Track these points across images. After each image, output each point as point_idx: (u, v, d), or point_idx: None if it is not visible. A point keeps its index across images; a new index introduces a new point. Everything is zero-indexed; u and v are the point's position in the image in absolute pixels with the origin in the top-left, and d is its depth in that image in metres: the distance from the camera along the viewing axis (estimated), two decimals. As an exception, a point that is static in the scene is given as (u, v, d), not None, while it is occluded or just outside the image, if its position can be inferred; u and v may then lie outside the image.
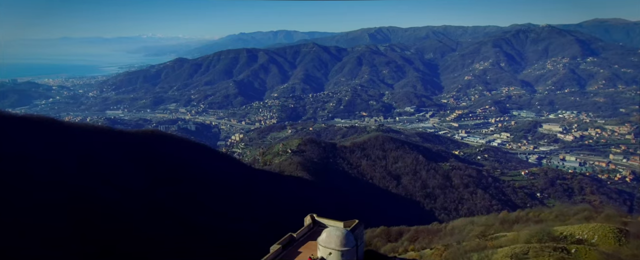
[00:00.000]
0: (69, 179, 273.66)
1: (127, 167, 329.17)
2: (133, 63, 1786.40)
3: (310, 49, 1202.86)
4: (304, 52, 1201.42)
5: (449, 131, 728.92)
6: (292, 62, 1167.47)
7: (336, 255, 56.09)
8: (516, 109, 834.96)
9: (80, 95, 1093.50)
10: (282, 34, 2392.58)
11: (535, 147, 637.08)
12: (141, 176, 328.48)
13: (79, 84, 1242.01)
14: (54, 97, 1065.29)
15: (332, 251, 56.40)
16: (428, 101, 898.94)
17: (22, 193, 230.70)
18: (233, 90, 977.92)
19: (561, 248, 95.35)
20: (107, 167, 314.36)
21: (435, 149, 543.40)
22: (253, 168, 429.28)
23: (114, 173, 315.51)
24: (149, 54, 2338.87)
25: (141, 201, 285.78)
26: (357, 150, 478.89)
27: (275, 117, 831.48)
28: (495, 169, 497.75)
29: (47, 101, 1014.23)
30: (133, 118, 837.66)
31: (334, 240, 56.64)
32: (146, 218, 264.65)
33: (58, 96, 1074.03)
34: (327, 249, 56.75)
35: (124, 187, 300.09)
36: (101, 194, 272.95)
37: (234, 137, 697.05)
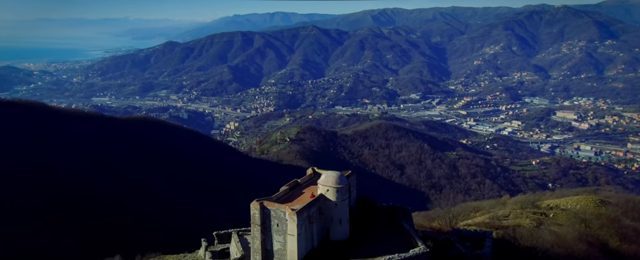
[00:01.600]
0: (58, 166, 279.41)
1: (120, 155, 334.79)
2: (120, 47, 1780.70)
3: (310, 32, 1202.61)
4: (303, 35, 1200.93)
5: (457, 119, 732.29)
6: (290, 46, 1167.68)
7: (332, 192, 71.48)
8: (528, 96, 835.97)
9: (64, 81, 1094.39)
10: (279, 16, 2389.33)
11: (548, 136, 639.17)
12: (135, 164, 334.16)
13: (63, 69, 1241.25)
14: (36, 82, 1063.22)
15: (329, 188, 71.92)
16: (435, 88, 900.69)
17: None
18: (227, 76, 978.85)
19: (541, 212, 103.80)
20: (98, 155, 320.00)
21: (441, 137, 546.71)
22: (250, 157, 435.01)
23: (107, 163, 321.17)
24: (137, 37, 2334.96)
25: (135, 190, 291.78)
26: (359, 139, 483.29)
27: (272, 105, 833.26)
28: (504, 158, 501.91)
29: (28, 87, 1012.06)
30: (121, 105, 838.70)
31: (331, 180, 72.56)
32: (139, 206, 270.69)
33: (40, 82, 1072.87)
34: (325, 187, 72.43)
35: (115, 175, 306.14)
36: (93, 183, 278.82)
37: (229, 126, 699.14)
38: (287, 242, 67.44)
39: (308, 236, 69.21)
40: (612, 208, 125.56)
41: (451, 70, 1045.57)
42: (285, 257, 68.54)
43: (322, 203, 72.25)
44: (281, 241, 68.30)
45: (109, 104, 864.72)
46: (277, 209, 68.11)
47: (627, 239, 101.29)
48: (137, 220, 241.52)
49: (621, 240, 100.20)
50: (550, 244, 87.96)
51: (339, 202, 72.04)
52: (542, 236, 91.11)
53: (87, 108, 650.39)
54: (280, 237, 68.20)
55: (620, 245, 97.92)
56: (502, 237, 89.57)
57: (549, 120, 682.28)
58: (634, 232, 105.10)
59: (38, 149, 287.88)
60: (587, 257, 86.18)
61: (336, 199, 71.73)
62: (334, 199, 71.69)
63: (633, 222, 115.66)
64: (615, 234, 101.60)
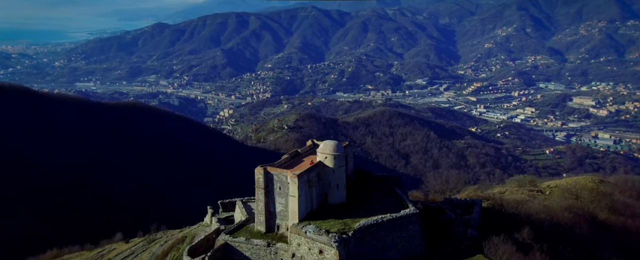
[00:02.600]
0: (43, 153, 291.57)
1: (107, 142, 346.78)
2: (105, 28, 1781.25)
3: (309, 14, 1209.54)
4: (302, 16, 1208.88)
5: (466, 106, 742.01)
6: (288, 28, 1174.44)
7: (330, 159, 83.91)
8: (543, 81, 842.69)
9: (45, 65, 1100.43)
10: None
11: (563, 123, 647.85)
12: (122, 151, 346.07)
13: (43, 52, 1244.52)
14: (15, 66, 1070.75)
15: (327, 155, 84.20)
16: (442, 72, 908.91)
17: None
18: (221, 61, 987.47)
19: (537, 190, 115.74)
20: (86, 141, 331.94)
21: (449, 125, 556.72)
22: (245, 145, 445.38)
23: (94, 150, 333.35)
24: (123, 18, 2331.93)
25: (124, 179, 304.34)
26: (361, 127, 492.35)
27: (269, 91, 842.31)
28: (516, 147, 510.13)
29: (6, 71, 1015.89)
30: (107, 91, 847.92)
31: (329, 148, 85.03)
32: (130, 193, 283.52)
33: (19, 65, 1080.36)
34: (324, 154, 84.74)
35: (103, 161, 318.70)
36: (81, 171, 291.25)
37: (223, 113, 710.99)
38: (289, 203, 79.56)
39: (308, 198, 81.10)
40: (610, 185, 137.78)
41: (460, 53, 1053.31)
42: (286, 217, 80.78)
43: (320, 169, 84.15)
44: (283, 203, 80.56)
45: (94, 89, 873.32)
46: (279, 173, 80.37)
47: (616, 212, 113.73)
48: (126, 211, 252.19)
49: (610, 213, 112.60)
50: (536, 212, 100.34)
51: (336, 169, 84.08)
52: (529, 206, 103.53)
53: (71, 94, 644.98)
54: (282, 200, 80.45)
55: (609, 217, 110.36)
56: (492, 206, 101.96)
57: (565, 106, 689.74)
58: (623, 205, 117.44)
59: (21, 137, 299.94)
60: (571, 226, 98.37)
61: (334, 165, 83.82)
62: (332, 166, 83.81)
63: (629, 199, 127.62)
64: (605, 207, 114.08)
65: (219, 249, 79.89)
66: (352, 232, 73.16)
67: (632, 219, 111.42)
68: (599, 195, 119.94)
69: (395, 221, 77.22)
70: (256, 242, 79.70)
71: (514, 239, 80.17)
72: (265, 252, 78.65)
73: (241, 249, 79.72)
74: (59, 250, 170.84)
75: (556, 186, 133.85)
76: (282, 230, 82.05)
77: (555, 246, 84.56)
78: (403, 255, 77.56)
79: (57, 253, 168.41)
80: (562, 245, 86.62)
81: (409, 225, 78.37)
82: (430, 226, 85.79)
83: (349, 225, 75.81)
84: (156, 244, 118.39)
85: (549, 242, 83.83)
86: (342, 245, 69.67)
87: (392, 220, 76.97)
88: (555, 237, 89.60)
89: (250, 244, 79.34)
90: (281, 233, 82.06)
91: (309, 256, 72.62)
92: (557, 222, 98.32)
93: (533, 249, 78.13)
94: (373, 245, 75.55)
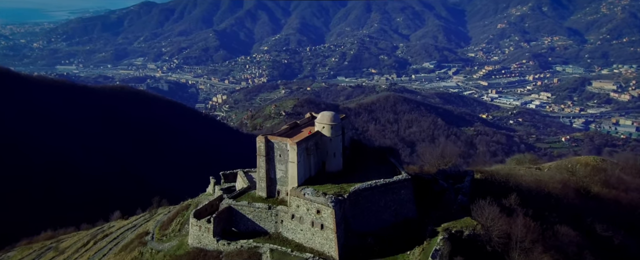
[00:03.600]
0: (24, 137, 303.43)
1: (95, 127, 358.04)
2: (87, 7, 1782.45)
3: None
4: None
5: (476, 91, 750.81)
6: (286, 7, 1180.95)
7: (327, 129, 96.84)
8: (560, 64, 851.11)
9: (22, 46, 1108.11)
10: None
11: (581, 109, 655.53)
12: (112, 138, 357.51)
13: (20, 32, 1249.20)
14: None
15: (324, 125, 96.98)
16: (451, 55, 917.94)
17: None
18: (213, 43, 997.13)
19: (536, 167, 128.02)
20: (70, 127, 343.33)
21: (457, 111, 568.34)
22: (241, 133, 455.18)
23: (82, 135, 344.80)
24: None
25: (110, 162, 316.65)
26: (363, 113, 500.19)
27: (265, 75, 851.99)
28: (530, 134, 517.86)
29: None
30: (90, 75, 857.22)
31: (326, 118, 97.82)
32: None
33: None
34: (321, 124, 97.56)
35: (92, 148, 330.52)
36: (68, 157, 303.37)
37: (216, 99, 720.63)
38: (288, 169, 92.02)
39: (306, 165, 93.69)
40: (610, 163, 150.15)
41: (471, 35, 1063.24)
42: (286, 183, 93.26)
43: (318, 138, 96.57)
44: (283, 170, 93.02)
45: (77, 72, 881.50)
46: (279, 141, 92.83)
47: (609, 186, 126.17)
48: (118, 199, 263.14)
49: (603, 187, 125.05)
50: (526, 183, 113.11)
51: (333, 138, 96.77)
52: (520, 177, 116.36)
53: (52, 77, 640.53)
54: (282, 166, 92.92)
55: (601, 191, 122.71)
56: (484, 178, 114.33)
57: (584, 91, 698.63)
58: (618, 180, 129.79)
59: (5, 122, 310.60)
60: (561, 196, 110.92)
61: (331, 134, 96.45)
62: (329, 135, 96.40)
63: (627, 176, 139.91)
64: (598, 181, 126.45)
65: (223, 211, 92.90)
66: (348, 195, 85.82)
67: (625, 192, 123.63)
68: (593, 171, 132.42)
69: (389, 186, 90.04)
70: (258, 205, 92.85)
71: (501, 204, 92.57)
72: (267, 214, 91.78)
73: (244, 212, 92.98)
74: (53, 232, 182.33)
75: (557, 166, 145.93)
76: (282, 195, 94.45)
77: (541, 212, 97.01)
78: (396, 218, 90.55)
79: (51, 234, 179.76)
80: (549, 211, 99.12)
81: (401, 190, 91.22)
82: (424, 195, 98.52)
83: (345, 189, 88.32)
84: (159, 214, 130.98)
85: (535, 209, 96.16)
86: (338, 205, 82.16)
87: (385, 185, 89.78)
88: (542, 205, 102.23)
89: (253, 207, 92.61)
90: (281, 198, 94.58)
91: (307, 216, 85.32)
92: (547, 193, 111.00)
93: (517, 212, 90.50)
94: (367, 208, 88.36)
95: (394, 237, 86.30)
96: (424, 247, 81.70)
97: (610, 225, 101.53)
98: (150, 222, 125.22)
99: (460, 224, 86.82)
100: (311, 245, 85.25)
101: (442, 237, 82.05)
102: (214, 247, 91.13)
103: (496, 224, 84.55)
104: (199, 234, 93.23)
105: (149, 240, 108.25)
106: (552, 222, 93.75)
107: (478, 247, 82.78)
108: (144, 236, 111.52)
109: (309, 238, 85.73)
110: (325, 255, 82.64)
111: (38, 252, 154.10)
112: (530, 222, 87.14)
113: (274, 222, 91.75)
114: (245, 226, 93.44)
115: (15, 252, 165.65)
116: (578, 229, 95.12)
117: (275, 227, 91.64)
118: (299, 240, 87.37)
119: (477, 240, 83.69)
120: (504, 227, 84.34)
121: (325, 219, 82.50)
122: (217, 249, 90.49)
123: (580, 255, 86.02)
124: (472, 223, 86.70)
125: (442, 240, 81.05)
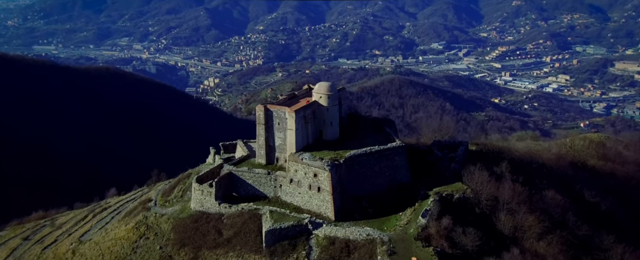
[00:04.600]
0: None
1: (80, 109, 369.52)
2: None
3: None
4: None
5: (489, 74, 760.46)
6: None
7: (324, 98, 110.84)
8: (580, 44, 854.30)
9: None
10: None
11: (603, 93, 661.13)
12: (96, 122, 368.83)
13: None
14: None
15: (321, 95, 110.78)
16: (462, 35, 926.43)
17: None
18: (204, 22, 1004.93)
19: (536, 143, 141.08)
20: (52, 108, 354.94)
21: (468, 95, 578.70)
22: (235, 118, 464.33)
23: (65, 118, 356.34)
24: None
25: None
26: (366, 97, 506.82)
27: (260, 57, 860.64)
28: (545, 120, 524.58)
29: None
30: (71, 55, 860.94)
31: (324, 88, 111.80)
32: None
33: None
34: (319, 94, 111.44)
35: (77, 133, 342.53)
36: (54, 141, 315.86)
37: (208, 82, 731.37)
38: (287, 137, 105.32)
39: (304, 133, 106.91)
40: (613, 140, 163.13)
41: (483, 13, 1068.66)
42: (285, 150, 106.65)
43: (316, 107, 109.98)
44: (281, 137, 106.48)
45: (56, 53, 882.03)
46: (278, 109, 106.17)
47: (606, 159, 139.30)
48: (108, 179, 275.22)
49: (600, 160, 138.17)
50: (520, 153, 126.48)
51: (330, 107, 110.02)
52: (515, 148, 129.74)
53: (31, 57, 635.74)
54: (281, 134, 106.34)
55: (597, 163, 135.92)
56: (479, 149, 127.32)
57: (606, 73, 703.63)
58: (616, 154, 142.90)
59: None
60: (555, 167, 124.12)
61: (328, 104, 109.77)
62: (326, 104, 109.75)
63: (627, 151, 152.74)
64: (595, 155, 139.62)
65: (224, 176, 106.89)
66: (343, 160, 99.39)
67: (621, 165, 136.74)
68: (593, 145, 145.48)
69: (383, 152, 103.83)
70: (257, 170, 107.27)
71: (492, 171, 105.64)
72: (266, 179, 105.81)
73: (244, 177, 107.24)
74: (45, 212, 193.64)
75: (558, 142, 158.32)
76: (281, 162, 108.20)
77: (531, 180, 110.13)
78: (390, 183, 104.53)
79: (43, 214, 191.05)
80: (539, 179, 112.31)
81: (395, 156, 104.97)
82: (419, 165, 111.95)
83: (341, 155, 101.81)
84: (159, 185, 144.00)
85: (526, 176, 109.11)
86: (334, 169, 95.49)
87: (379, 151, 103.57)
88: (533, 173, 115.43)
89: (253, 173, 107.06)
90: (280, 165, 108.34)
91: (305, 180, 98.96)
92: (541, 164, 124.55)
93: (506, 178, 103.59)
94: (362, 173, 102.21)
95: (388, 200, 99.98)
96: (416, 208, 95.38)
97: (599, 193, 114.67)
98: (152, 191, 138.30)
99: (451, 188, 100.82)
100: (309, 208, 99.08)
101: (433, 199, 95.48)
102: (215, 210, 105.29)
103: (485, 188, 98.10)
104: (202, 198, 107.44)
105: (152, 206, 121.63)
106: (540, 188, 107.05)
107: (467, 209, 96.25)
108: (147, 203, 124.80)
109: (307, 200, 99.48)
110: (322, 216, 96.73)
111: (33, 229, 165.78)
112: (519, 187, 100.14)
113: (273, 186, 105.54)
114: (246, 191, 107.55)
115: (7, 231, 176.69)
116: (566, 195, 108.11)
117: (274, 191, 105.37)
118: (297, 203, 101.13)
119: (467, 203, 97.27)
120: (492, 190, 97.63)
121: (322, 182, 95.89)
122: (219, 211, 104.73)
123: (563, 217, 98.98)
124: (462, 187, 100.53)
125: (433, 202, 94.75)
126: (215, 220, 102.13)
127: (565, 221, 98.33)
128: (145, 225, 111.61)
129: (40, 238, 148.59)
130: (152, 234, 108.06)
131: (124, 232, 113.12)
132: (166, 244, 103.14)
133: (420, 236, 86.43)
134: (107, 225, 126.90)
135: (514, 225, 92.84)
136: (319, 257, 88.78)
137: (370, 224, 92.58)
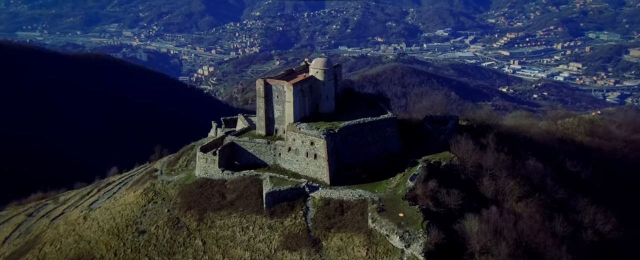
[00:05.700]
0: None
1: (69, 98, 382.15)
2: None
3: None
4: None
5: (497, 62, 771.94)
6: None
7: (321, 73, 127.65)
8: (594, 30, 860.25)
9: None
10: None
11: (617, 82, 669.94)
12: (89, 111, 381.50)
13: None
14: None
15: (318, 70, 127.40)
16: (469, 22, 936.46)
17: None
18: (198, 7, 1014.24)
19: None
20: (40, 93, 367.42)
21: (474, 84, 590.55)
22: (231, 107, 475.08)
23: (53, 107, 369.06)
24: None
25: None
26: (367, 86, 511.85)
27: (257, 44, 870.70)
28: (555, 109, 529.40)
29: None
30: (57, 42, 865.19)
31: (320, 63, 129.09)
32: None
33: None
34: (315, 69, 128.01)
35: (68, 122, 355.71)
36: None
37: (202, 71, 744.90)
38: (285, 109, 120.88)
39: (301, 105, 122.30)
40: (607, 120, 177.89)
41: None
42: (283, 122, 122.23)
43: (312, 82, 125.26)
44: (280, 110, 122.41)
45: (41, 40, 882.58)
46: (277, 83, 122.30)
47: (595, 136, 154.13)
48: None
49: (588, 136, 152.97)
50: (508, 127, 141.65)
51: (326, 82, 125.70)
52: (503, 121, 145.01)
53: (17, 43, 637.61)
54: (280, 107, 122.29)
55: (585, 139, 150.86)
56: (470, 125, 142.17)
57: (620, 60, 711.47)
58: (605, 131, 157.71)
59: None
60: (542, 141, 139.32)
61: (324, 78, 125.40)
62: (322, 79, 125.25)
63: (618, 129, 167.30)
64: (584, 131, 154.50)
65: (226, 146, 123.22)
66: (338, 130, 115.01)
67: (608, 141, 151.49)
68: (582, 122, 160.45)
69: (375, 123, 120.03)
70: (258, 140, 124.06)
71: (479, 142, 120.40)
72: (266, 148, 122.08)
73: (245, 147, 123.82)
74: (44, 193, 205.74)
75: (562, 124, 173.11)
76: (280, 133, 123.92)
77: (516, 150, 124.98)
78: (382, 152, 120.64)
79: (42, 195, 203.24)
80: (524, 150, 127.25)
81: (387, 127, 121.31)
82: (411, 138, 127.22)
83: (337, 125, 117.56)
84: (164, 158, 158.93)
85: (511, 147, 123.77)
86: (329, 137, 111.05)
87: (372, 122, 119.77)
88: (520, 145, 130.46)
89: (253, 142, 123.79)
90: (279, 136, 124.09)
91: (302, 148, 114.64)
92: (529, 138, 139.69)
93: (491, 148, 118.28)
94: (356, 142, 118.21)
95: (380, 168, 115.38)
96: (405, 173, 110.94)
97: (580, 163, 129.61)
98: (157, 164, 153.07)
99: (439, 157, 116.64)
100: (306, 174, 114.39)
101: (421, 165, 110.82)
102: (219, 177, 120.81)
103: (471, 156, 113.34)
104: (206, 166, 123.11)
105: (158, 174, 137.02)
106: (523, 158, 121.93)
107: (453, 175, 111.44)
108: (153, 173, 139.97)
109: (304, 167, 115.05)
110: (318, 180, 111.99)
111: (35, 207, 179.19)
112: (502, 155, 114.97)
113: (272, 155, 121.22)
114: (247, 160, 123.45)
115: (8, 211, 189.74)
116: (549, 165, 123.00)
117: (274, 159, 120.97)
118: (294, 169, 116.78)
119: (453, 170, 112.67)
120: (477, 158, 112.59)
121: (318, 149, 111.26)
122: (222, 178, 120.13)
123: (543, 182, 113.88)
124: (449, 156, 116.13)
125: (420, 168, 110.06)
126: (219, 185, 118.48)
127: (544, 186, 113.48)
128: (153, 191, 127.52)
129: (46, 213, 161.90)
130: (160, 199, 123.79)
131: (133, 197, 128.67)
132: (173, 207, 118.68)
133: (408, 196, 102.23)
134: (115, 194, 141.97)
135: (495, 189, 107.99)
136: (315, 216, 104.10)
137: (362, 187, 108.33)
